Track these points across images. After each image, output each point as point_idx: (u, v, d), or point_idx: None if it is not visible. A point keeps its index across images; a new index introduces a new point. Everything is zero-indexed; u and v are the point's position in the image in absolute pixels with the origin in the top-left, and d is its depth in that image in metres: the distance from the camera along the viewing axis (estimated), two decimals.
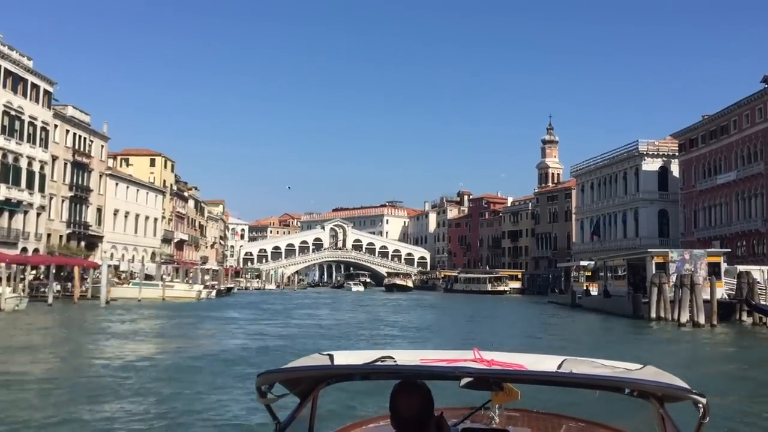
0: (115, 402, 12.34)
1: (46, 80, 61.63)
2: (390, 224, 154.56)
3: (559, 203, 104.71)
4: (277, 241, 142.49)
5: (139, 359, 18.62)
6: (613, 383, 2.86)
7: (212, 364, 17.95)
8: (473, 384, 2.88)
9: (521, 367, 2.94)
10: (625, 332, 34.04)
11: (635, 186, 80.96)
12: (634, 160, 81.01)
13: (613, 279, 49.96)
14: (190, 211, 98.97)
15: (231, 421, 10.83)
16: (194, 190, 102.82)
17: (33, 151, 59.59)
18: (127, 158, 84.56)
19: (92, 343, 22.93)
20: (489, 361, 2.95)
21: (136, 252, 77.77)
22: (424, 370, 2.92)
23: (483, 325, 35.92)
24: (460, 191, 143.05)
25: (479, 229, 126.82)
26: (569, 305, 57.07)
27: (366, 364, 3.04)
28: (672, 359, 21.93)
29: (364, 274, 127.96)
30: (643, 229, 78.87)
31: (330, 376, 3.29)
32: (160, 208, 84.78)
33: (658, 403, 2.96)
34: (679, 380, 2.94)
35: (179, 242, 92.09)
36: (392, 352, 3.20)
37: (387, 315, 41.46)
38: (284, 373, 3.05)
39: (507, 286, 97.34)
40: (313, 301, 60.34)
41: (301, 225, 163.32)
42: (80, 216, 67.47)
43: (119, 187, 75.16)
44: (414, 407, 2.63)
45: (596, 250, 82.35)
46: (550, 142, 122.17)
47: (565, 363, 3.06)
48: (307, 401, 3.28)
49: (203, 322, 33.74)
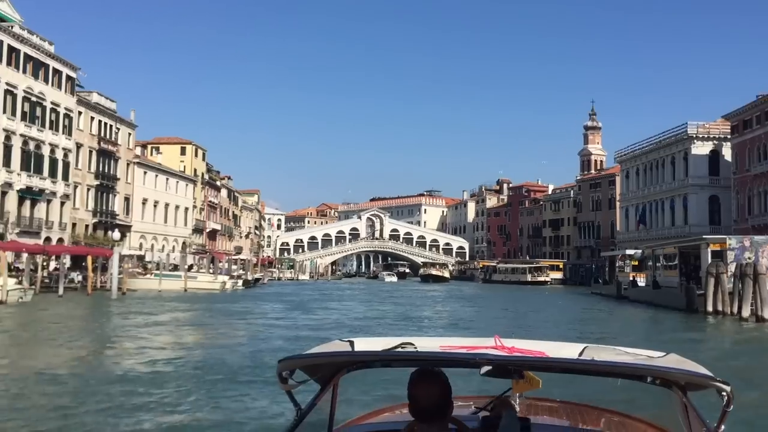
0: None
1: (68, 65, 59.57)
2: (428, 214, 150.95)
3: (603, 190, 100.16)
4: (313, 231, 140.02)
5: (103, 358, 15.73)
6: (635, 371, 2.77)
7: (203, 363, 15.41)
8: (493, 372, 2.69)
9: (542, 355, 2.86)
10: (680, 328, 30.15)
11: (684, 171, 76.29)
12: (683, 144, 76.27)
13: (663, 269, 45.71)
14: (223, 200, 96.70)
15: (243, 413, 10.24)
16: (227, 179, 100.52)
17: (56, 139, 57.61)
18: (157, 147, 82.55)
19: (68, 341, 20.11)
20: (510, 348, 2.88)
21: (166, 242, 75.75)
22: (445, 357, 2.85)
23: (521, 320, 32.32)
24: (500, 179, 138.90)
25: (519, 218, 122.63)
26: (614, 297, 52.95)
27: (386, 351, 2.99)
28: (744, 360, 18.26)
29: (403, 264, 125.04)
30: (693, 217, 74.29)
31: (350, 363, 3.22)
32: (191, 198, 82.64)
33: (681, 392, 2.87)
34: (702, 368, 2.86)
35: (212, 232, 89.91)
36: (413, 339, 3.12)
37: (416, 309, 37.99)
38: (305, 359, 3.02)
39: (548, 276, 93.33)
40: (342, 293, 57.25)
41: (339, 215, 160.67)
42: (107, 205, 65.50)
43: (148, 176, 73.10)
44: (432, 395, 2.59)
45: (642, 239, 78.15)
46: (592, 128, 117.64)
47: (587, 350, 2.98)
48: (327, 388, 3.22)
49: (214, 315, 30.90)
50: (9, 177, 51.72)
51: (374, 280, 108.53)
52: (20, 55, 53.27)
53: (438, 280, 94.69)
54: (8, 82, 51.73)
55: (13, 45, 52.45)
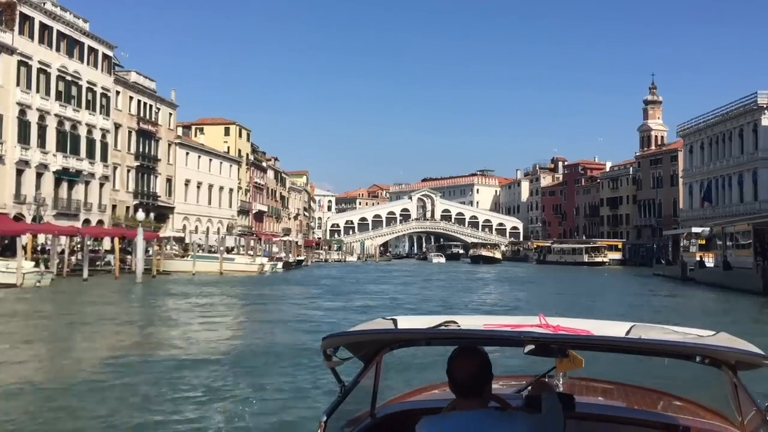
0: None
1: (105, 44, 57.71)
2: (480, 194, 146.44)
3: (664, 167, 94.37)
4: (364, 213, 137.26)
5: (70, 354, 13.01)
6: (685, 350, 2.66)
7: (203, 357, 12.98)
8: (537, 351, 2.60)
9: (588, 333, 2.77)
10: (760, 315, 26.09)
11: (753, 144, 70.48)
12: (752, 115, 70.38)
13: (735, 248, 41.03)
14: (270, 181, 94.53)
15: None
16: (274, 160, 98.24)
17: (93, 119, 55.90)
18: (200, 127, 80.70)
19: (71, 328, 17.52)
20: (555, 326, 2.82)
21: (210, 223, 73.93)
22: (488, 335, 2.77)
23: (577, 307, 28.60)
24: (554, 157, 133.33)
25: (575, 196, 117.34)
26: (679, 279, 48.36)
27: (429, 329, 2.93)
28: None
29: (456, 245, 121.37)
30: (764, 192, 68.59)
31: (394, 341, 3.20)
32: (236, 179, 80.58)
33: (731, 371, 2.77)
34: (754, 347, 2.74)
35: (258, 214, 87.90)
36: (456, 317, 3.10)
37: (458, 294, 34.47)
38: (349, 336, 2.98)
39: (605, 256, 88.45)
40: (385, 275, 54.08)
41: (390, 196, 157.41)
42: (148, 186, 63.81)
43: (190, 157, 71.18)
44: (468, 371, 2.56)
45: (707, 216, 72.72)
46: (652, 103, 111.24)
47: (634, 329, 2.90)
48: (371, 365, 3.21)
49: (237, 300, 28.23)
50: (44, 158, 50.14)
51: (423, 261, 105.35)
52: (53, 33, 51.48)
53: (489, 261, 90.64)
54: (41, 60, 50.03)
55: (46, 22, 50.66)
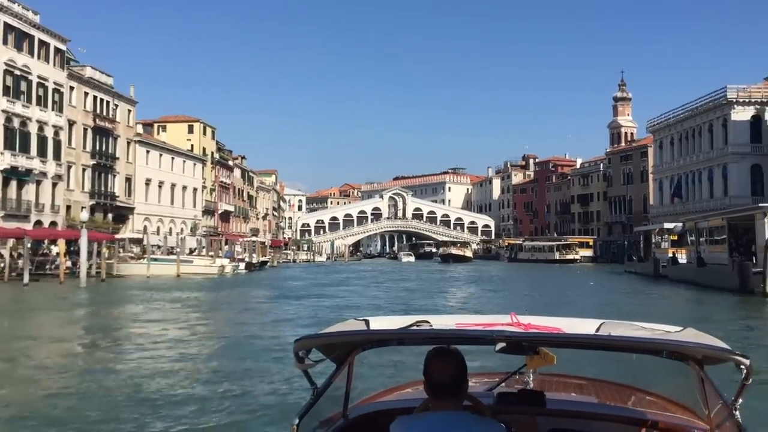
0: None
1: (57, 37, 54.80)
2: (452, 192, 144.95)
3: (634, 163, 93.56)
4: (335, 212, 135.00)
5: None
6: (652, 346, 2.73)
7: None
8: (508, 348, 2.64)
9: (558, 331, 2.80)
10: (738, 313, 24.47)
11: (723, 139, 69.62)
12: (722, 110, 69.49)
13: (708, 244, 39.58)
14: (237, 181, 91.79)
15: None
16: (241, 159, 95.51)
17: (44, 115, 53.01)
18: (164, 125, 77.88)
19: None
20: (526, 325, 2.82)
21: (173, 224, 71.20)
22: (461, 335, 2.79)
23: (550, 309, 26.77)
24: (525, 155, 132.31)
25: (546, 194, 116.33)
26: (651, 276, 46.89)
27: (402, 329, 2.93)
28: None
29: (429, 243, 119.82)
30: (733, 188, 67.76)
31: (366, 341, 3.18)
32: (200, 178, 77.83)
33: (698, 366, 2.81)
34: (720, 341, 2.78)
35: (224, 214, 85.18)
36: (428, 317, 3.09)
37: (423, 296, 32.33)
38: (321, 338, 2.96)
39: (577, 254, 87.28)
40: (351, 276, 51.91)
41: (362, 195, 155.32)
42: (105, 186, 60.94)
43: (151, 155, 68.38)
44: (447, 372, 2.55)
45: (677, 212, 71.82)
46: (622, 100, 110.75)
47: (604, 326, 2.93)
48: (343, 366, 3.17)
49: (181, 306, 25.93)
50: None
51: (394, 261, 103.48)
52: (0, 25, 48.63)
53: (459, 260, 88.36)
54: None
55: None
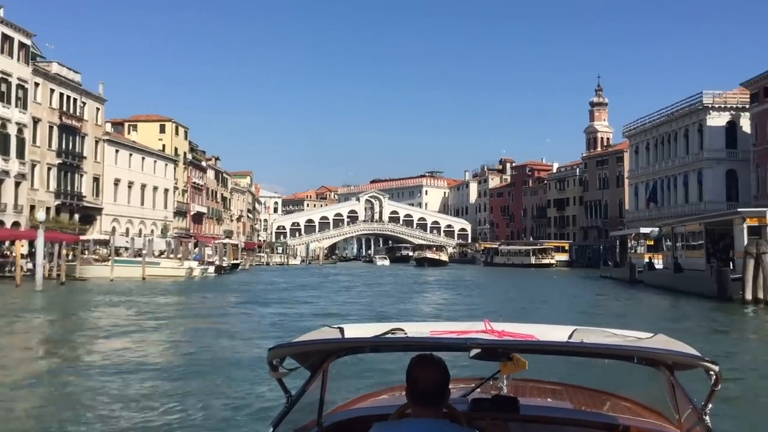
0: None
1: (21, 31, 52.82)
2: (429, 195, 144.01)
3: (610, 168, 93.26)
4: (310, 215, 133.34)
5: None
6: (623, 352, 2.74)
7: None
8: (482, 355, 2.72)
9: (532, 338, 2.82)
10: (722, 323, 23.55)
11: (698, 144, 69.39)
12: (698, 115, 69.26)
13: (685, 249, 38.91)
14: (210, 182, 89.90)
15: None
16: (215, 160, 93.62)
17: (7, 112, 51.01)
18: (135, 124, 75.93)
19: None
20: (500, 332, 2.84)
21: (143, 225, 69.28)
22: (435, 342, 2.80)
23: (527, 316, 25.69)
24: (503, 159, 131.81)
25: (523, 198, 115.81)
26: (627, 281, 46.18)
27: (376, 337, 2.90)
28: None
29: (406, 247, 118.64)
30: (708, 193, 67.47)
31: (340, 349, 3.15)
32: (172, 178, 75.93)
33: (668, 372, 2.87)
34: (690, 348, 2.84)
35: (197, 215, 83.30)
36: (402, 325, 3.03)
37: (394, 303, 31.01)
38: (295, 346, 2.95)
39: (553, 258, 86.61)
40: (323, 280, 50.50)
41: (339, 197, 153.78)
42: (72, 186, 58.94)
43: (120, 155, 66.44)
44: (434, 380, 2.53)
45: (653, 217, 71.40)
46: (598, 105, 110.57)
47: (576, 333, 2.93)
48: (317, 374, 3.16)
49: (137, 313, 24.45)
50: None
51: (369, 264, 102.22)
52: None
53: (434, 264, 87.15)
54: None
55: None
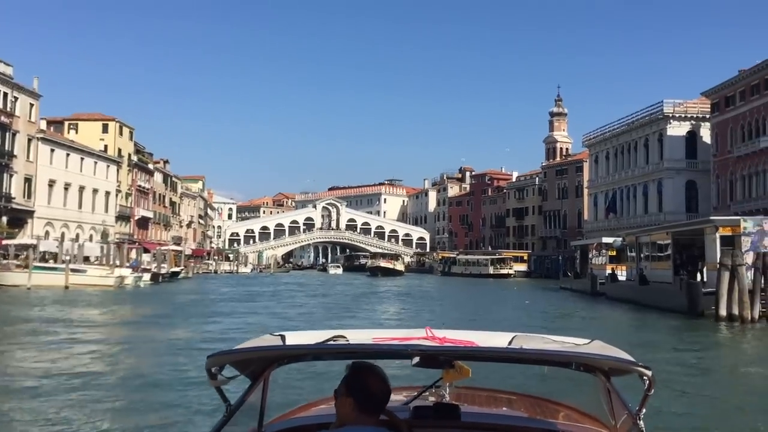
0: None
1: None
2: (388, 203, 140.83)
3: (569, 177, 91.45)
4: (265, 221, 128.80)
5: None
6: (561, 358, 2.82)
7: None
8: (424, 362, 2.66)
9: (472, 344, 2.84)
10: (696, 342, 20.68)
11: (659, 154, 67.86)
12: (658, 125, 67.75)
13: (651, 260, 36.30)
14: (158, 186, 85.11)
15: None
16: (164, 163, 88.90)
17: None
18: (75, 123, 71.11)
19: None
20: (441, 338, 2.85)
21: (81, 230, 64.49)
22: (376, 349, 2.79)
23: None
24: (462, 167, 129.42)
25: (482, 207, 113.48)
26: (589, 293, 43.48)
27: (318, 344, 2.88)
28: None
29: (365, 255, 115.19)
30: (668, 203, 65.90)
31: (281, 357, 3.07)
32: (114, 181, 71.22)
33: (604, 377, 2.90)
34: (624, 353, 2.87)
35: (142, 220, 78.52)
36: (344, 332, 3.04)
37: (333, 318, 27.75)
38: (235, 354, 2.84)
39: (511, 268, 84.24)
40: (267, 290, 46.60)
41: (296, 204, 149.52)
42: (0, 186, 54.26)
43: (56, 155, 61.67)
44: (384, 388, 2.53)
45: (612, 227, 69.62)
46: (558, 115, 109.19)
47: (516, 339, 2.99)
48: (258, 383, 3.06)
49: (34, 330, 20.62)
50: None
51: (324, 273, 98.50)
52: None
53: (388, 274, 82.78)
54: None
55: None
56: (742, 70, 59.10)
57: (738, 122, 58.59)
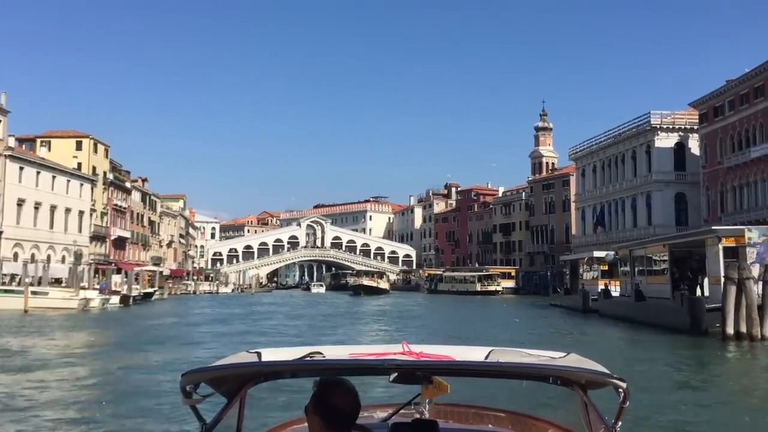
0: None
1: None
2: (374, 221, 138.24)
3: (556, 192, 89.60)
4: (249, 240, 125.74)
5: None
6: (537, 371, 2.80)
7: None
8: (402, 378, 2.71)
9: (449, 359, 2.82)
10: (707, 365, 18.38)
11: (647, 166, 66.28)
12: (645, 136, 66.22)
13: (647, 274, 34.03)
14: (136, 205, 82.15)
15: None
16: (142, 181, 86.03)
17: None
18: (48, 141, 68.32)
19: None
20: (418, 353, 2.82)
21: (52, 251, 61.56)
22: (353, 365, 2.77)
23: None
24: (448, 183, 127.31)
25: (468, 223, 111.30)
26: (580, 310, 41.16)
27: (294, 360, 2.85)
28: None
29: (352, 273, 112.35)
30: (658, 216, 64.26)
31: (258, 374, 3.00)
32: (89, 200, 68.33)
33: (581, 391, 2.86)
34: (600, 366, 2.86)
35: (119, 240, 75.56)
36: (321, 348, 3.03)
37: (306, 341, 25.20)
38: (210, 371, 2.78)
39: (499, 285, 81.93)
40: (242, 312, 43.73)
41: (281, 223, 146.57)
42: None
43: (26, 173, 58.80)
44: (351, 402, 2.46)
45: (600, 242, 67.83)
46: (543, 129, 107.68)
47: (492, 353, 2.98)
48: (234, 401, 2.97)
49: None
50: None
51: (307, 292, 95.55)
52: None
53: (372, 292, 78.85)
54: None
55: None
56: (730, 80, 57.78)
57: (727, 132, 57.11)
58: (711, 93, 59.63)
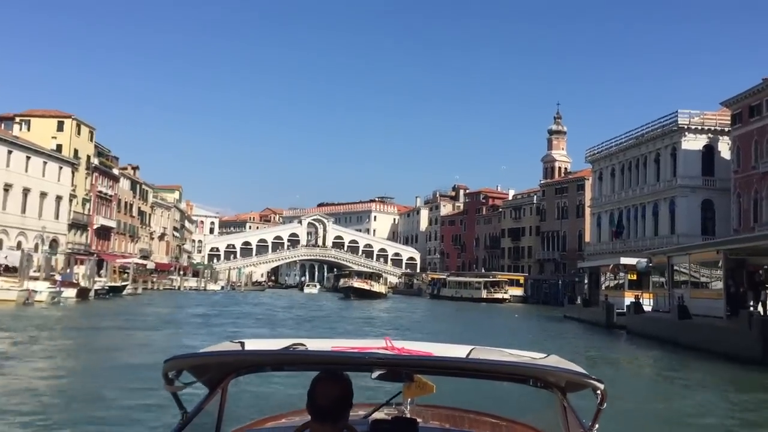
0: None
1: None
2: (378, 221, 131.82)
3: (570, 196, 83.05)
4: (248, 237, 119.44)
5: None
6: (517, 370, 2.78)
7: None
8: (385, 375, 2.75)
9: (429, 354, 2.81)
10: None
11: (671, 170, 59.71)
12: (671, 137, 59.70)
13: (692, 287, 27.53)
14: (124, 193, 76.01)
15: None
16: (133, 169, 79.95)
17: None
18: (27, 120, 62.42)
19: None
20: (400, 349, 2.83)
21: (23, 237, 55.59)
22: (334, 358, 2.73)
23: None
24: (456, 185, 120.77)
25: (476, 226, 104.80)
26: (603, 326, 34.63)
27: (276, 350, 2.85)
28: None
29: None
30: (682, 225, 57.80)
31: (240, 363, 2.98)
32: (69, 185, 62.35)
33: (561, 393, 2.87)
34: (579, 367, 2.84)
35: (102, 229, 69.51)
36: (304, 340, 2.98)
37: None
38: (193, 358, 2.77)
39: (506, 293, 75.55)
40: (215, 312, 37.78)
41: (283, 220, 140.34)
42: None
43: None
44: (332, 395, 2.41)
45: (617, 250, 61.48)
46: (557, 133, 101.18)
47: (474, 351, 2.97)
48: (216, 391, 2.92)
49: None
50: None
51: (301, 292, 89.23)
52: None
53: (366, 296, 70.63)
54: None
55: None
56: (767, 78, 51.31)
57: (764, 134, 50.60)
58: (746, 91, 53.17)
